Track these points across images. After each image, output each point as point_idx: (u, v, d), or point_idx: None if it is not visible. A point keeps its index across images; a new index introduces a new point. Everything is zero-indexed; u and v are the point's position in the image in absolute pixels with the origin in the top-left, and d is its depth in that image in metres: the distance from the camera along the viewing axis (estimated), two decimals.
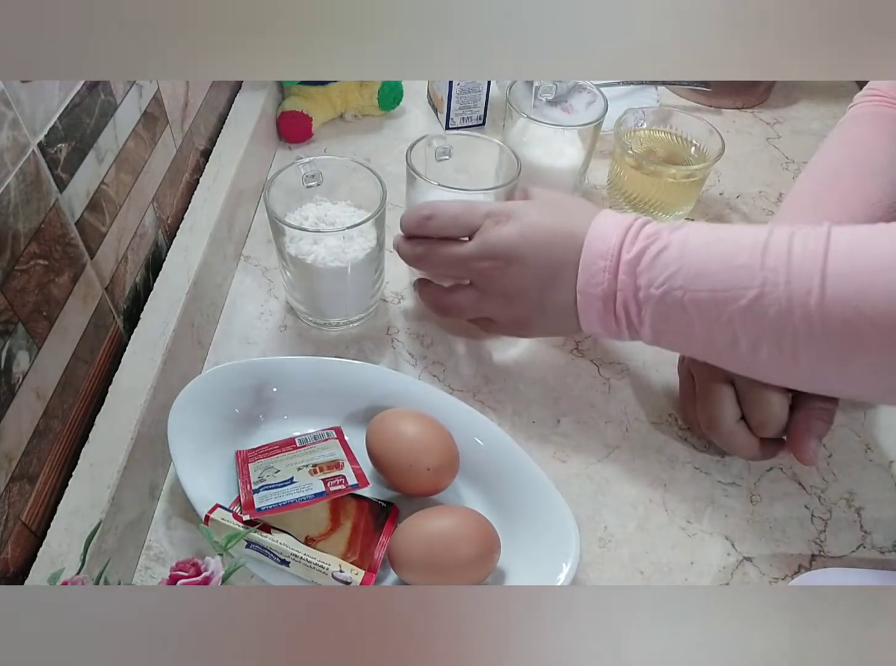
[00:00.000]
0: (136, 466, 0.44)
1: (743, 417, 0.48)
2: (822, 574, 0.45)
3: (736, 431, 0.48)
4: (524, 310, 0.49)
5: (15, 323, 0.37)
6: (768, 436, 0.48)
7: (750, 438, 0.48)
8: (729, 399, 0.48)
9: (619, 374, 0.57)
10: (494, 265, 0.48)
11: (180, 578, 0.34)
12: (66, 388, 0.43)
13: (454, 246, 0.50)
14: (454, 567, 0.41)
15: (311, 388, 0.50)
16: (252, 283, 0.62)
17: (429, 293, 0.55)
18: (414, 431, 0.45)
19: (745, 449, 0.49)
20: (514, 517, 0.45)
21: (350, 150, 0.75)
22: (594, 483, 0.50)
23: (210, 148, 0.65)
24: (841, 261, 0.38)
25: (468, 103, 0.75)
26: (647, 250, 0.43)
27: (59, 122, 0.40)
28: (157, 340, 0.48)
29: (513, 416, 0.54)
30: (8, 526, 0.37)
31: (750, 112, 0.84)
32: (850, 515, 0.49)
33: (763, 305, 0.40)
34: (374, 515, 0.45)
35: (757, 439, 0.48)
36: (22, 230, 0.37)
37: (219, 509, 0.42)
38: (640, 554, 0.47)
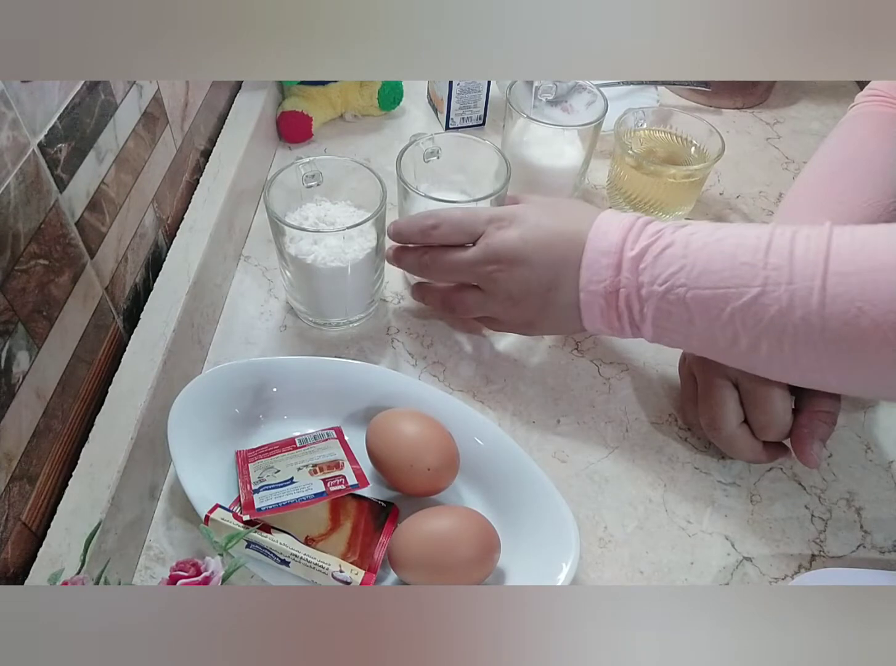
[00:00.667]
0: (136, 466, 0.44)
1: (745, 420, 0.48)
2: (822, 574, 0.45)
3: (738, 435, 0.48)
4: (529, 311, 0.49)
5: (15, 323, 0.37)
6: (771, 439, 0.48)
7: (752, 442, 0.48)
8: (732, 401, 0.47)
9: (619, 374, 0.57)
10: (499, 268, 0.48)
11: (180, 578, 0.34)
12: (66, 388, 0.43)
13: (459, 252, 0.50)
14: (454, 567, 0.41)
15: (311, 388, 0.50)
16: (252, 283, 0.62)
17: (432, 294, 0.55)
18: (414, 431, 0.45)
19: (748, 452, 0.48)
20: (514, 517, 0.45)
21: (350, 150, 0.75)
22: (594, 483, 0.50)
23: (210, 148, 0.65)
24: (842, 261, 0.39)
25: (468, 103, 0.75)
26: (651, 248, 0.44)
27: (59, 122, 0.40)
28: (157, 340, 0.48)
29: (513, 416, 0.54)
30: (8, 526, 0.37)
31: (750, 112, 0.84)
32: (850, 515, 0.49)
33: (764, 304, 0.40)
34: (374, 515, 0.45)
35: (760, 443, 0.48)
36: (22, 230, 0.37)
37: (219, 509, 0.42)
38: (640, 554, 0.47)
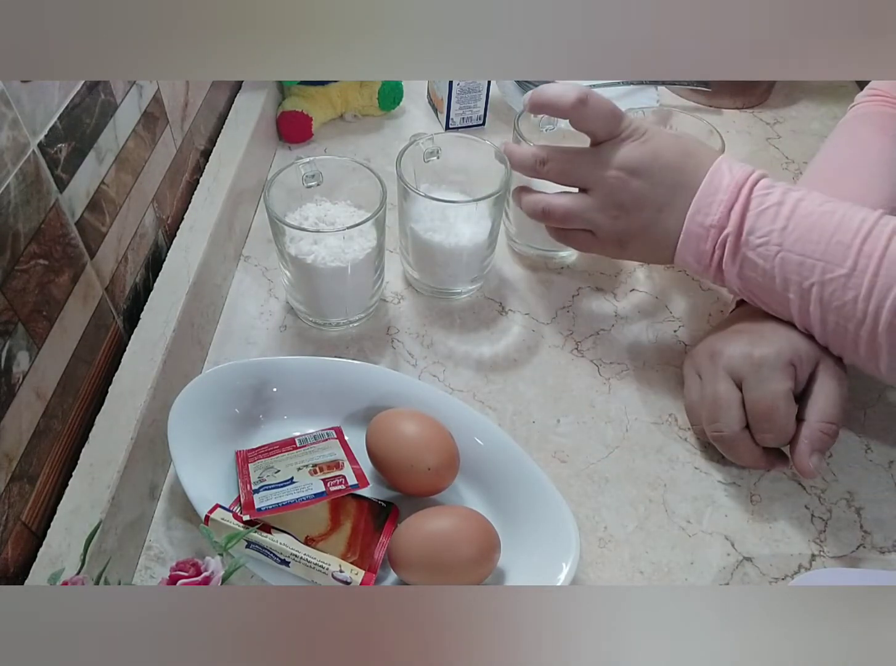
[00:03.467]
0: (136, 466, 0.44)
1: (747, 425, 0.47)
2: (822, 574, 0.45)
3: (740, 439, 0.47)
4: (633, 225, 0.50)
5: (15, 323, 0.37)
6: (771, 445, 0.48)
7: (752, 447, 0.47)
8: (736, 405, 0.47)
9: (619, 374, 0.57)
10: (620, 176, 0.49)
11: (180, 578, 0.34)
12: (66, 388, 0.43)
13: (582, 151, 0.51)
14: (454, 567, 0.41)
15: (311, 388, 0.50)
16: (252, 284, 0.62)
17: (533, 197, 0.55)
18: (414, 431, 0.45)
19: (747, 457, 0.48)
20: (514, 517, 0.45)
21: (350, 150, 0.75)
22: (594, 483, 0.50)
23: (210, 148, 0.65)
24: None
25: (468, 103, 0.75)
26: (763, 201, 0.46)
27: (59, 122, 0.40)
28: (157, 340, 0.48)
29: (513, 416, 0.54)
30: (8, 526, 0.37)
31: (750, 112, 0.84)
32: (850, 515, 0.49)
33: (846, 287, 0.43)
34: (374, 515, 0.45)
35: (759, 448, 0.48)
36: (22, 230, 0.37)
37: (219, 509, 0.42)
38: (640, 554, 0.47)
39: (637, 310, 0.61)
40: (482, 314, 0.60)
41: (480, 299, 0.61)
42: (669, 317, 0.61)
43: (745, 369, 0.47)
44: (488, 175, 0.58)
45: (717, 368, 0.48)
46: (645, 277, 0.64)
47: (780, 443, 0.47)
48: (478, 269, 0.60)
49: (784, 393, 0.46)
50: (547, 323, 0.60)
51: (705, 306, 0.62)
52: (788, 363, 0.46)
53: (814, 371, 0.47)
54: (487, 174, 0.58)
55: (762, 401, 0.46)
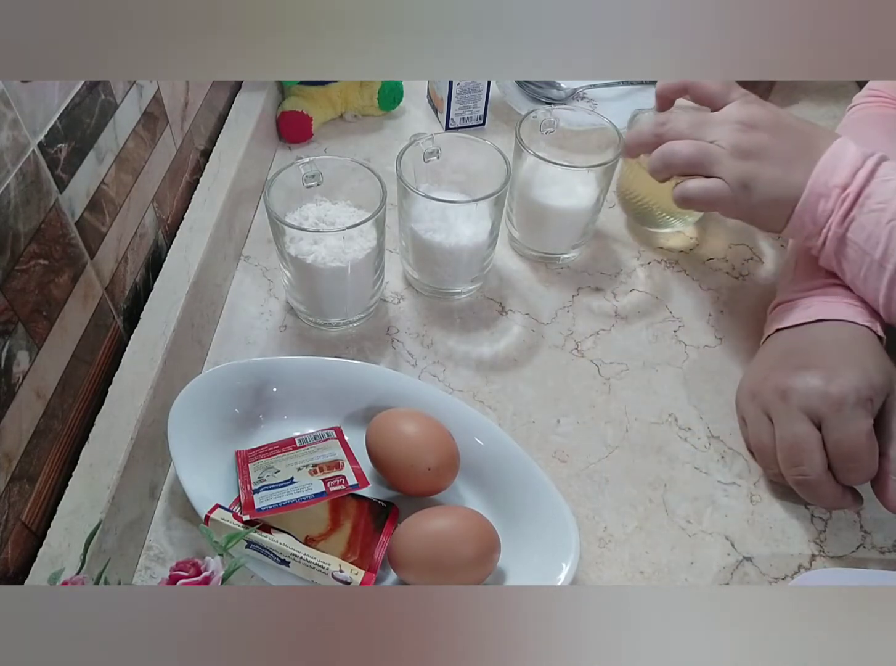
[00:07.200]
0: (136, 466, 0.44)
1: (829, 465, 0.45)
2: (822, 574, 0.45)
3: (825, 481, 0.45)
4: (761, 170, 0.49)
5: (15, 323, 0.37)
6: (857, 483, 0.46)
7: (836, 487, 0.45)
8: (818, 447, 0.44)
9: (619, 374, 0.57)
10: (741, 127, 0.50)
11: (180, 578, 0.34)
12: (66, 388, 0.43)
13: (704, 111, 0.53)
14: (454, 567, 0.41)
15: (311, 388, 0.50)
16: (252, 284, 0.62)
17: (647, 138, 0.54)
18: (414, 431, 0.45)
19: (832, 499, 0.46)
20: (514, 517, 0.45)
21: (350, 150, 0.75)
22: (594, 483, 0.50)
23: (210, 148, 0.65)
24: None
25: (468, 103, 0.75)
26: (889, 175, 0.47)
27: (59, 122, 0.40)
28: (157, 340, 0.48)
29: (513, 416, 0.54)
30: (8, 526, 0.37)
31: None
32: (850, 515, 0.49)
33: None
34: (374, 515, 0.45)
35: (841, 487, 0.45)
36: (22, 230, 0.37)
37: (219, 509, 0.42)
38: (640, 554, 0.47)
39: (637, 310, 0.61)
40: (482, 314, 0.60)
41: (480, 299, 0.61)
42: (669, 317, 0.61)
43: (823, 409, 0.44)
44: (488, 175, 0.57)
45: (790, 408, 0.45)
46: (645, 277, 0.64)
47: (865, 481, 0.45)
48: (478, 269, 0.60)
49: (867, 432, 0.44)
50: (547, 323, 0.60)
51: (705, 306, 0.62)
52: (868, 400, 0.44)
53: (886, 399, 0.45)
54: (487, 174, 0.58)
55: (846, 441, 0.44)
